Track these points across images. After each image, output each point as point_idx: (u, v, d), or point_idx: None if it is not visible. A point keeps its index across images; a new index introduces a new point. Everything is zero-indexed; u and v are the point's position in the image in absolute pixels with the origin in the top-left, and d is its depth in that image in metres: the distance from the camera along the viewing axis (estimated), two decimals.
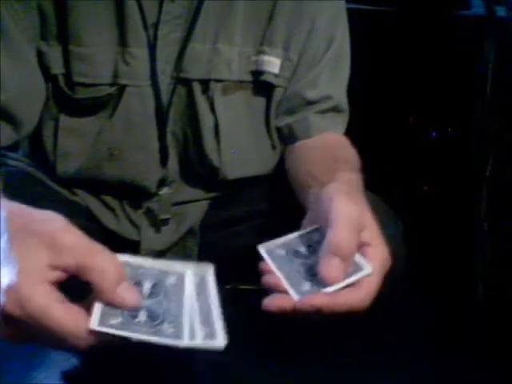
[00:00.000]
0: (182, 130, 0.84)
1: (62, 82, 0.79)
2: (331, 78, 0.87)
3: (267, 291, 0.56)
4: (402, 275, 0.74)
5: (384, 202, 0.79)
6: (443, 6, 1.50)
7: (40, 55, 0.77)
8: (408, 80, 1.49)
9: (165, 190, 0.86)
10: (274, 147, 0.89)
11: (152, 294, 0.50)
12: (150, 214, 0.87)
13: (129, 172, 0.84)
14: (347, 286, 0.55)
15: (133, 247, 0.87)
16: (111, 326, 0.47)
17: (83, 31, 0.76)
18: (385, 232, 0.62)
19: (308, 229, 0.61)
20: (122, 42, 0.77)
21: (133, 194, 0.87)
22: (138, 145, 0.83)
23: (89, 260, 0.47)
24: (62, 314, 0.47)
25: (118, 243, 0.86)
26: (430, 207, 1.49)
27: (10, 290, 0.46)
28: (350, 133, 0.91)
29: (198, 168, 0.86)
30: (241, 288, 0.81)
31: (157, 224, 0.87)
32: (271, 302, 0.55)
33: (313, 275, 0.56)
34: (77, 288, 0.49)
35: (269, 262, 0.58)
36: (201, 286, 0.52)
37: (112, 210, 0.88)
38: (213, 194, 0.91)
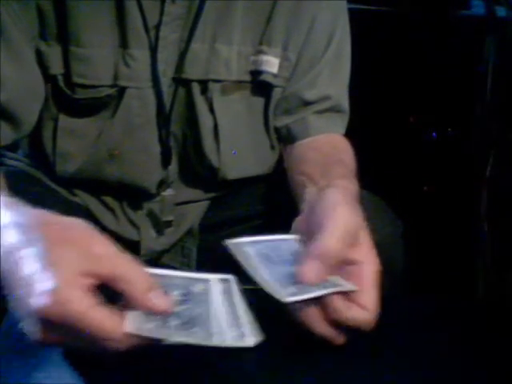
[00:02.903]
0: (181, 131, 0.84)
1: (61, 82, 0.79)
2: (331, 78, 0.87)
3: None
4: (402, 275, 0.74)
5: (384, 202, 0.79)
6: (443, 6, 1.50)
7: (39, 55, 0.77)
8: (408, 80, 1.49)
9: (168, 192, 0.86)
10: (272, 147, 0.89)
11: (181, 301, 0.52)
12: (151, 215, 0.87)
13: (129, 173, 0.84)
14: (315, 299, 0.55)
15: (132, 248, 0.87)
16: (145, 330, 0.49)
17: (83, 32, 0.76)
18: (384, 232, 0.62)
19: (282, 236, 0.61)
20: (123, 43, 0.77)
21: (133, 195, 0.87)
22: (138, 146, 0.83)
23: (120, 270, 0.49)
24: (99, 318, 0.48)
25: (117, 244, 0.86)
26: (430, 207, 1.49)
27: (48, 295, 0.47)
28: (350, 133, 0.91)
29: (197, 168, 0.86)
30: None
31: (159, 226, 0.87)
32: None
33: (289, 279, 0.56)
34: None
35: (237, 257, 0.58)
36: (226, 292, 0.54)
37: (112, 210, 0.88)
38: (212, 195, 0.91)
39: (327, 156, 0.80)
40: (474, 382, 0.66)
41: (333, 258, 0.56)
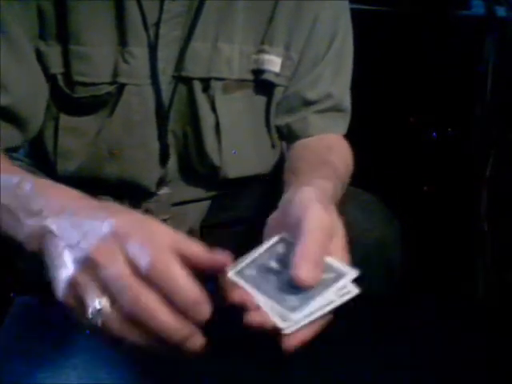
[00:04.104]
0: (182, 129, 0.84)
1: (61, 81, 0.79)
2: (333, 77, 0.87)
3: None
4: (400, 275, 0.74)
5: (381, 202, 0.79)
6: (443, 6, 1.50)
7: (38, 55, 0.77)
8: (408, 80, 1.49)
9: (164, 190, 0.86)
10: (273, 146, 0.89)
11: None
12: (147, 214, 0.87)
13: (129, 171, 0.84)
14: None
15: None
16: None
17: (83, 30, 0.76)
18: (381, 232, 0.62)
19: (272, 240, 0.60)
20: (122, 41, 0.77)
21: (132, 194, 0.87)
22: (137, 144, 0.83)
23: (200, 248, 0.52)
24: (194, 286, 0.48)
25: None
26: (430, 207, 1.49)
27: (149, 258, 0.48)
28: (350, 133, 0.91)
29: (198, 167, 0.86)
30: None
31: None
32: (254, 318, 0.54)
33: (294, 288, 0.54)
34: None
35: (244, 286, 0.56)
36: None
37: None
38: (212, 194, 0.91)
39: (317, 156, 0.80)
40: (474, 381, 0.66)
41: (320, 257, 0.55)
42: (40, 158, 0.85)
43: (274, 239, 0.59)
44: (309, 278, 0.53)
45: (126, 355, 0.52)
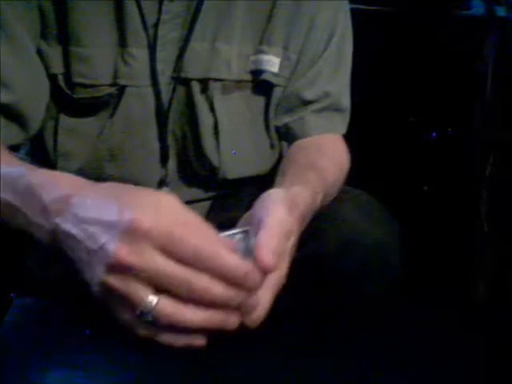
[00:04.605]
0: (181, 130, 0.84)
1: (61, 81, 0.79)
2: (331, 76, 0.87)
3: None
4: (399, 275, 0.74)
5: (379, 202, 0.79)
6: (443, 6, 1.50)
7: (40, 54, 0.77)
8: (408, 80, 1.49)
9: (164, 191, 0.86)
10: (272, 146, 0.89)
11: None
12: None
13: (129, 172, 0.84)
14: None
15: None
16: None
17: (83, 32, 0.76)
18: (380, 232, 0.62)
19: (232, 230, 0.61)
20: (122, 42, 0.77)
21: None
22: (138, 145, 0.83)
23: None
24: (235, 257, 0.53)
25: None
26: (430, 207, 1.49)
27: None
28: (350, 133, 0.91)
29: (197, 168, 0.86)
30: None
31: None
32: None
33: None
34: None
35: None
36: None
37: None
38: (212, 195, 0.91)
39: (307, 159, 0.81)
40: (474, 381, 0.66)
41: (281, 249, 0.57)
42: (40, 158, 0.85)
43: (236, 229, 0.61)
44: (271, 263, 0.54)
45: (175, 351, 0.54)
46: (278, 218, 0.58)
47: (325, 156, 0.83)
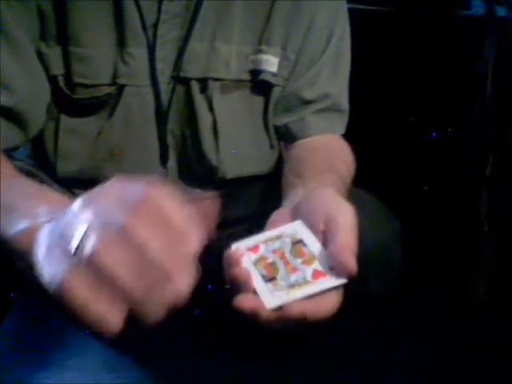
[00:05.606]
0: (180, 129, 0.84)
1: (61, 82, 0.79)
2: (330, 77, 0.87)
3: (231, 288, 0.56)
4: (400, 275, 0.74)
5: (381, 202, 0.80)
6: (443, 6, 1.50)
7: (40, 56, 0.77)
8: (408, 80, 1.49)
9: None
10: (271, 146, 0.90)
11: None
12: None
13: (129, 172, 0.84)
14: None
15: None
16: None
17: (82, 32, 0.76)
18: (381, 232, 0.62)
19: (285, 227, 0.61)
20: (121, 42, 0.78)
21: None
22: (138, 144, 0.83)
23: None
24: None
25: None
26: (430, 207, 1.49)
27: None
28: (350, 133, 0.91)
29: (196, 167, 0.86)
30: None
31: None
32: (245, 301, 0.54)
33: (292, 272, 0.56)
34: None
35: (244, 262, 0.58)
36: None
37: None
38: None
39: (322, 160, 0.81)
40: (474, 381, 0.66)
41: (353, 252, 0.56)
42: (41, 159, 0.86)
43: (288, 226, 0.60)
44: (353, 265, 0.54)
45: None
46: (350, 217, 0.58)
47: (337, 157, 0.83)
